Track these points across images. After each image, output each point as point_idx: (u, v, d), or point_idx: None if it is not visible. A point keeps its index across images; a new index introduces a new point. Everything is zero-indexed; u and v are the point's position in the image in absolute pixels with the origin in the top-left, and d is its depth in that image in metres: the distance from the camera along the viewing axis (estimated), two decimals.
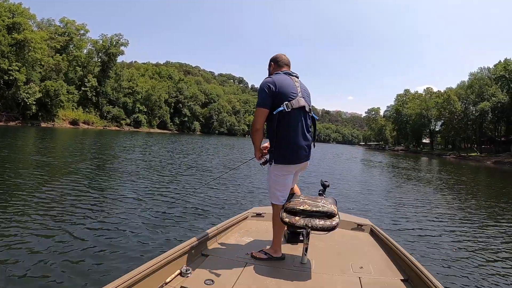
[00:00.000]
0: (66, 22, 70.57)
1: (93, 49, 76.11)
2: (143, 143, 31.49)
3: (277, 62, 2.97)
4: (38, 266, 3.90)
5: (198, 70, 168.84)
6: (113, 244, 4.78)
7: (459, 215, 9.44)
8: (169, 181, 10.87)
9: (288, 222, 2.56)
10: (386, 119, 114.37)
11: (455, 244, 6.42)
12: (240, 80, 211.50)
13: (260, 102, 2.72)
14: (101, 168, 12.78)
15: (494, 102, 60.98)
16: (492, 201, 12.46)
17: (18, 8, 54.80)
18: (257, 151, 2.91)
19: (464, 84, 73.74)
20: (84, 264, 4.08)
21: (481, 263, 5.36)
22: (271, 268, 2.58)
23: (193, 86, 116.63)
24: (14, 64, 50.32)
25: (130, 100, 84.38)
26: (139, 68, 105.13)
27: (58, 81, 59.50)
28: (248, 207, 5.33)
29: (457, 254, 5.75)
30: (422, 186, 15.84)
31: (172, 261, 2.42)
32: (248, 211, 4.07)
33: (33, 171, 10.31)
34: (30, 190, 7.71)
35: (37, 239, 4.76)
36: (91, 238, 4.95)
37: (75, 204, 6.82)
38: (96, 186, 8.99)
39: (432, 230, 7.40)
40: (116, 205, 7.12)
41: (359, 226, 3.76)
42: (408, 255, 2.73)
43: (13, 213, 5.83)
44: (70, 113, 65.39)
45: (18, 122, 51.77)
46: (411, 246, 5.88)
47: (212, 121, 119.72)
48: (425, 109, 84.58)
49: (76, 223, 5.58)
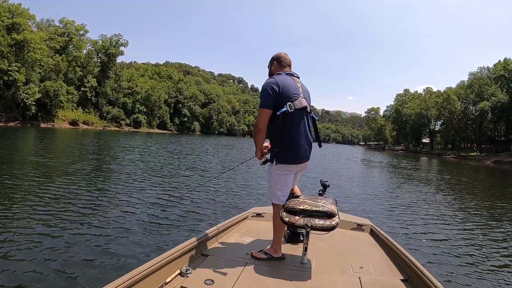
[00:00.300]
0: (66, 23, 70.57)
1: (93, 50, 76.13)
2: (142, 144, 31.47)
3: (280, 62, 2.98)
4: (38, 266, 3.90)
5: (197, 70, 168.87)
6: (113, 244, 4.78)
7: (459, 215, 9.44)
8: (169, 181, 10.86)
9: (288, 221, 2.56)
10: (385, 119, 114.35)
11: (455, 244, 6.42)
12: (239, 80, 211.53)
13: (264, 103, 2.73)
14: (100, 168, 12.77)
15: (493, 102, 60.93)
16: (492, 201, 12.46)
17: (17, 8, 54.76)
18: (258, 151, 2.93)
19: (464, 84, 73.69)
20: (84, 264, 4.07)
21: (481, 263, 5.36)
22: (271, 268, 2.58)
23: (193, 86, 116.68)
24: (14, 65, 50.29)
25: (130, 100, 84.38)
26: (139, 69, 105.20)
27: (57, 81, 59.50)
28: (248, 207, 5.33)
29: (457, 254, 5.74)
30: (422, 186, 15.84)
31: (172, 261, 2.42)
32: (248, 211, 4.07)
33: (31, 172, 10.28)
34: (29, 191, 7.69)
35: (37, 238, 4.75)
36: (91, 238, 4.95)
37: (74, 205, 6.80)
38: (95, 187, 8.98)
39: (432, 230, 7.40)
40: (115, 205, 7.11)
41: (359, 226, 3.76)
42: (408, 255, 2.72)
43: (11, 214, 5.82)
44: (69, 113, 65.39)
45: (17, 123, 51.73)
46: (411, 246, 5.87)
47: (212, 121, 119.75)
48: (425, 109, 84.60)
49: (76, 224, 5.57)
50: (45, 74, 58.82)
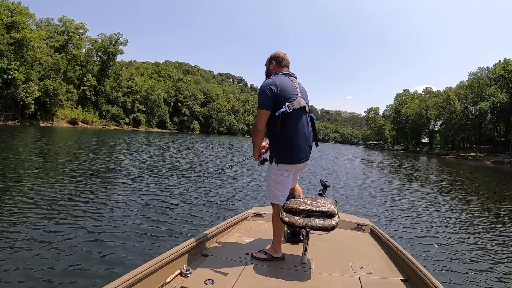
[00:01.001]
0: (65, 21, 70.22)
1: (92, 48, 75.96)
2: (141, 143, 31.44)
3: (280, 63, 2.98)
4: (37, 266, 3.89)
5: (197, 69, 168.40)
6: (112, 244, 4.78)
7: (459, 215, 9.46)
8: (169, 182, 10.87)
9: (288, 221, 2.56)
10: (385, 118, 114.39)
11: (455, 244, 6.44)
12: (239, 79, 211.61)
13: (262, 104, 2.74)
14: (100, 168, 12.77)
15: (493, 102, 61.02)
16: (492, 202, 12.49)
17: (17, 7, 54.51)
18: (256, 151, 2.93)
19: (464, 84, 73.82)
20: (83, 264, 4.07)
21: (481, 263, 5.38)
22: (271, 268, 2.58)
23: (192, 86, 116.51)
24: (13, 63, 49.98)
25: (129, 99, 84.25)
26: (138, 67, 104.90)
27: (57, 80, 59.34)
28: (248, 207, 5.32)
29: (457, 254, 5.76)
30: (422, 186, 15.86)
31: (172, 261, 2.42)
32: (248, 211, 4.07)
33: (30, 172, 10.29)
34: (27, 191, 7.70)
35: (37, 238, 4.76)
36: (90, 238, 4.94)
37: (73, 205, 6.80)
38: (94, 186, 8.96)
39: (432, 230, 7.42)
40: (115, 205, 7.11)
41: (359, 226, 3.75)
42: (408, 255, 2.73)
43: (9, 214, 5.82)
44: (69, 112, 65.23)
45: (17, 121, 51.54)
46: (411, 246, 5.88)
47: (211, 120, 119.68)
48: (425, 109, 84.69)
49: (75, 224, 5.56)
50: (44, 72, 58.63)
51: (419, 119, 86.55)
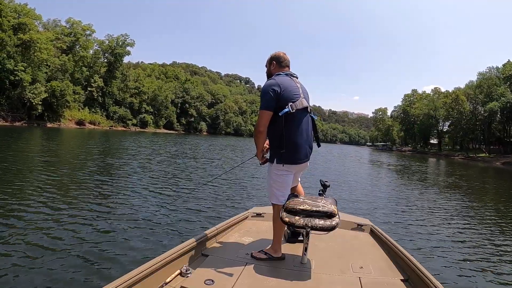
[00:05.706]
0: (72, 23, 70.64)
1: (99, 50, 76.48)
2: (148, 144, 31.59)
3: (280, 63, 2.99)
4: (38, 266, 3.94)
5: (204, 70, 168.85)
6: (112, 244, 4.81)
7: (460, 215, 9.38)
8: (168, 182, 10.90)
9: (288, 221, 2.56)
10: (393, 119, 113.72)
11: (455, 244, 6.41)
12: (246, 80, 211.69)
13: (265, 105, 2.74)
14: (104, 168, 12.87)
15: (503, 102, 60.13)
16: (498, 203, 12.34)
17: (23, 8, 54.99)
18: (259, 152, 2.94)
19: (473, 84, 73.10)
20: (83, 264, 4.10)
21: (481, 263, 5.36)
22: (271, 268, 2.58)
23: (200, 87, 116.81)
24: (20, 65, 50.20)
25: (137, 100, 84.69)
26: (146, 69, 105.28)
27: (64, 81, 59.69)
28: (248, 207, 5.33)
29: (458, 254, 5.74)
30: (426, 187, 15.72)
31: (172, 261, 2.43)
32: (248, 211, 4.08)
33: (36, 172, 10.38)
34: (33, 191, 7.79)
35: (37, 237, 4.82)
36: (91, 238, 4.98)
37: (76, 204, 6.86)
38: (98, 186, 9.02)
39: (433, 230, 7.38)
40: (116, 205, 7.16)
41: (359, 226, 3.75)
42: (408, 255, 2.72)
43: (14, 213, 5.90)
44: (76, 113, 65.61)
45: (24, 123, 51.80)
46: (411, 246, 5.86)
47: (219, 121, 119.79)
48: (433, 109, 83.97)
49: (76, 223, 5.60)
50: (51, 74, 58.92)
51: (428, 120, 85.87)
